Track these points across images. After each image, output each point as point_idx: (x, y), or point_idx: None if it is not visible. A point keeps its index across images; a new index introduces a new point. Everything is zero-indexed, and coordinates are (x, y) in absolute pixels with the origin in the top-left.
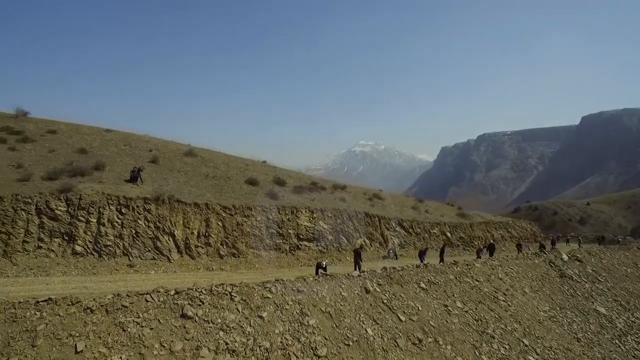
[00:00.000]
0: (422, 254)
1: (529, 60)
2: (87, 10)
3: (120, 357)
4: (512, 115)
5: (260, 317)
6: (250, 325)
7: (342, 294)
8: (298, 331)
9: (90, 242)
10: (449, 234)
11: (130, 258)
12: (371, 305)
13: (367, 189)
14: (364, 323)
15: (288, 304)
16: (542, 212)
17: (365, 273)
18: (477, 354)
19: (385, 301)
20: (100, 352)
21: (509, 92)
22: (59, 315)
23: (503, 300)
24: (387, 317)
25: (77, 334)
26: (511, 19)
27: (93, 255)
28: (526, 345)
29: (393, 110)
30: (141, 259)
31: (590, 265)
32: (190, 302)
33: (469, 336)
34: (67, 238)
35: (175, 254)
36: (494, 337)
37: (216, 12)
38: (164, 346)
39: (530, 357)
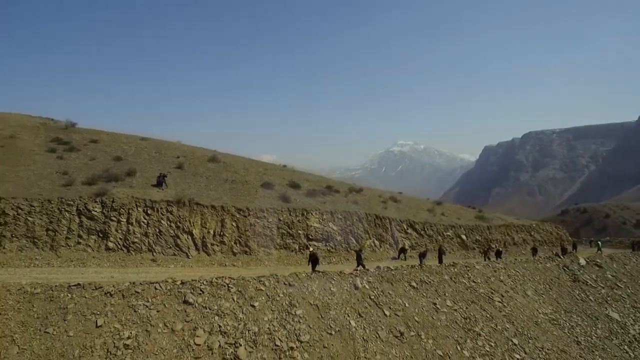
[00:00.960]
0: (421, 256)
1: (580, 53)
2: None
3: (131, 332)
4: (560, 113)
5: (253, 306)
6: (242, 313)
7: (332, 289)
8: (285, 319)
9: (120, 239)
10: (464, 237)
11: (154, 253)
12: (358, 300)
13: (384, 192)
14: (348, 316)
15: (279, 295)
16: (592, 215)
17: (358, 271)
18: (459, 348)
19: (372, 297)
20: (115, 327)
21: (557, 89)
22: (85, 297)
23: (499, 301)
24: (373, 311)
25: (98, 312)
26: (562, 2)
27: (122, 250)
28: (515, 344)
29: (433, 110)
30: (163, 254)
31: (611, 271)
32: (192, 291)
33: (453, 332)
34: (101, 235)
35: (193, 250)
36: (480, 335)
37: (256, 12)
38: (167, 326)
39: (516, 355)
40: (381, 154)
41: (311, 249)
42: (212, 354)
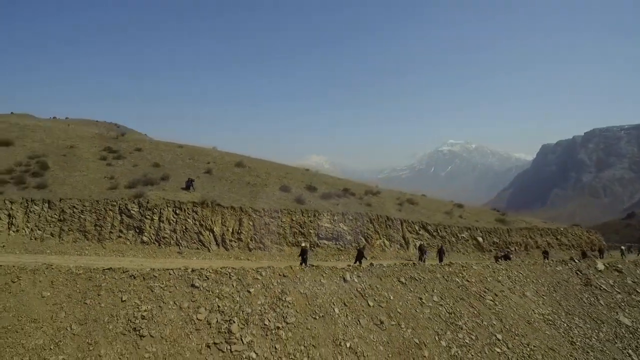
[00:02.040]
0: (422, 253)
1: None
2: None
3: (147, 307)
4: (625, 109)
5: (249, 291)
6: (239, 297)
7: (322, 281)
8: (275, 304)
9: (153, 234)
10: (480, 239)
11: (180, 247)
12: (345, 291)
13: (402, 194)
14: (334, 304)
15: (273, 284)
16: None
17: (350, 267)
18: (437, 339)
19: (359, 289)
20: (135, 302)
21: (623, 82)
22: (115, 278)
23: (490, 300)
24: (357, 302)
25: (123, 290)
26: None
27: (154, 244)
28: (498, 339)
29: (485, 108)
30: (188, 248)
31: (632, 277)
32: (199, 277)
33: (434, 324)
34: (137, 231)
35: (213, 246)
36: (462, 329)
37: (304, 10)
38: (175, 303)
39: (497, 349)
40: (430, 153)
41: (303, 245)
42: (209, 327)
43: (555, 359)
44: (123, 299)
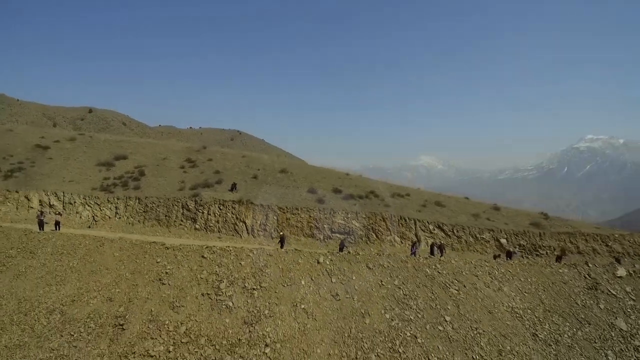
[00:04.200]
0: (414, 247)
1: None
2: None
3: (170, 267)
4: None
5: (240, 263)
6: (232, 266)
7: (299, 261)
8: (257, 273)
9: (202, 223)
10: (503, 240)
11: (220, 234)
12: (315, 270)
13: (432, 197)
14: (302, 277)
15: (259, 260)
16: None
17: (328, 253)
18: (383, 312)
19: (327, 270)
20: (164, 264)
21: None
22: (155, 248)
23: (455, 289)
24: (322, 278)
25: (159, 255)
26: None
27: (203, 230)
28: (445, 320)
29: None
30: (226, 234)
31: None
32: (208, 251)
33: (385, 301)
34: (192, 220)
35: (245, 234)
36: (411, 308)
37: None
38: (188, 266)
39: (439, 328)
40: (563, 151)
41: (281, 233)
42: (206, 283)
43: (502, 343)
44: (157, 261)
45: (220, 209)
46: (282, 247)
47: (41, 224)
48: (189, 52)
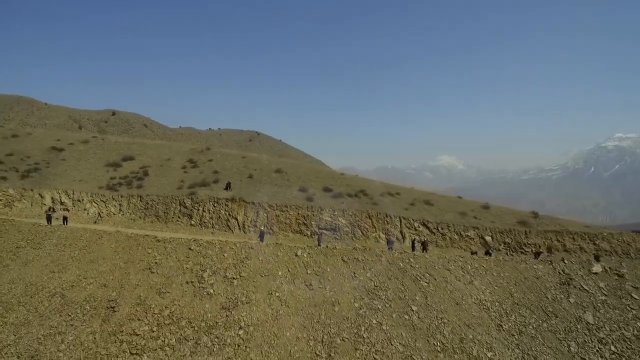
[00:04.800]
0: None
1: None
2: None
3: (160, 257)
4: None
5: (223, 255)
6: (216, 257)
7: (278, 254)
8: (238, 264)
9: (198, 219)
10: (488, 238)
11: (214, 229)
12: (292, 262)
13: (421, 195)
14: (279, 268)
15: (242, 252)
16: None
17: (306, 247)
18: (352, 301)
19: (304, 262)
20: (154, 255)
21: None
22: (148, 240)
23: (425, 282)
24: (299, 270)
25: (150, 247)
26: None
27: (198, 226)
28: (412, 310)
29: None
30: (219, 230)
31: (634, 282)
32: (195, 243)
33: (356, 291)
34: (189, 217)
35: (237, 229)
36: (380, 297)
37: None
38: (176, 257)
39: (405, 316)
40: (589, 150)
41: (262, 228)
42: (191, 272)
43: (465, 332)
44: (149, 252)
45: (214, 206)
46: (262, 241)
47: (49, 219)
48: (205, 51)
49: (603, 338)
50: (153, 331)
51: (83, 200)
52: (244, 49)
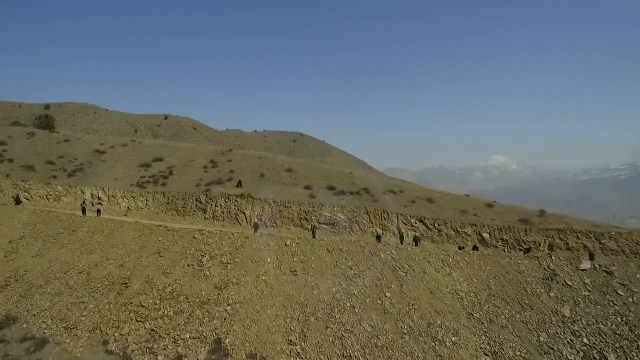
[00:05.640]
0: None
1: None
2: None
3: (168, 244)
4: None
5: (222, 243)
6: (215, 245)
7: (269, 243)
8: (233, 251)
9: (211, 213)
10: (485, 235)
11: (224, 222)
12: (282, 250)
13: (423, 194)
14: (268, 255)
15: (238, 241)
16: None
17: (297, 238)
18: (330, 286)
19: (292, 251)
20: (164, 242)
21: None
22: (160, 230)
23: (403, 272)
24: (286, 257)
25: (161, 235)
26: None
27: (211, 219)
28: (385, 296)
29: None
30: (229, 223)
31: (623, 280)
32: (199, 233)
33: (335, 278)
34: (203, 211)
35: (244, 223)
36: (357, 284)
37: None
38: (182, 245)
39: (377, 301)
40: None
41: (255, 220)
42: (192, 257)
43: (434, 318)
44: (159, 239)
45: (225, 202)
46: (256, 231)
47: (84, 211)
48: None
49: (577, 331)
50: (156, 304)
51: (116, 195)
52: (287, 48)
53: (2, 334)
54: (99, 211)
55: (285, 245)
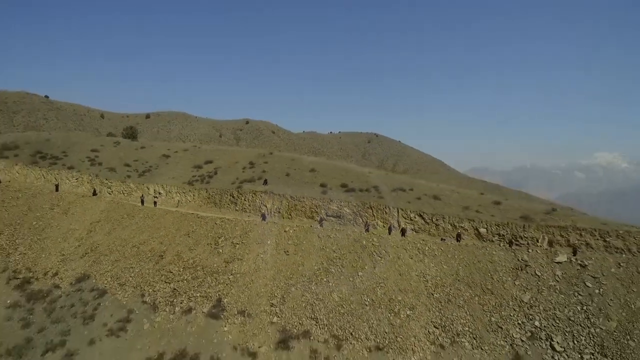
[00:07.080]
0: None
1: None
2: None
3: (194, 227)
4: None
5: (235, 228)
6: (229, 229)
7: (272, 229)
8: (242, 234)
9: (240, 206)
10: (482, 230)
11: (250, 214)
12: (280, 235)
13: (430, 192)
14: (270, 239)
15: (248, 227)
16: None
17: (294, 226)
18: (314, 265)
19: (289, 236)
20: (192, 226)
21: None
22: (191, 217)
23: (378, 256)
24: (283, 240)
25: (191, 221)
26: None
27: (240, 211)
28: (358, 275)
29: None
30: (254, 214)
31: (595, 273)
32: (219, 221)
33: (320, 259)
34: (235, 204)
35: (266, 214)
36: (337, 265)
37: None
38: (205, 228)
39: (350, 279)
40: None
41: (263, 211)
42: (212, 237)
43: (395, 294)
44: (190, 224)
45: (252, 197)
46: (264, 220)
47: (142, 201)
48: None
49: (531, 315)
50: (180, 272)
51: (172, 191)
52: (361, 48)
53: (80, 286)
54: (155, 202)
55: (285, 231)
